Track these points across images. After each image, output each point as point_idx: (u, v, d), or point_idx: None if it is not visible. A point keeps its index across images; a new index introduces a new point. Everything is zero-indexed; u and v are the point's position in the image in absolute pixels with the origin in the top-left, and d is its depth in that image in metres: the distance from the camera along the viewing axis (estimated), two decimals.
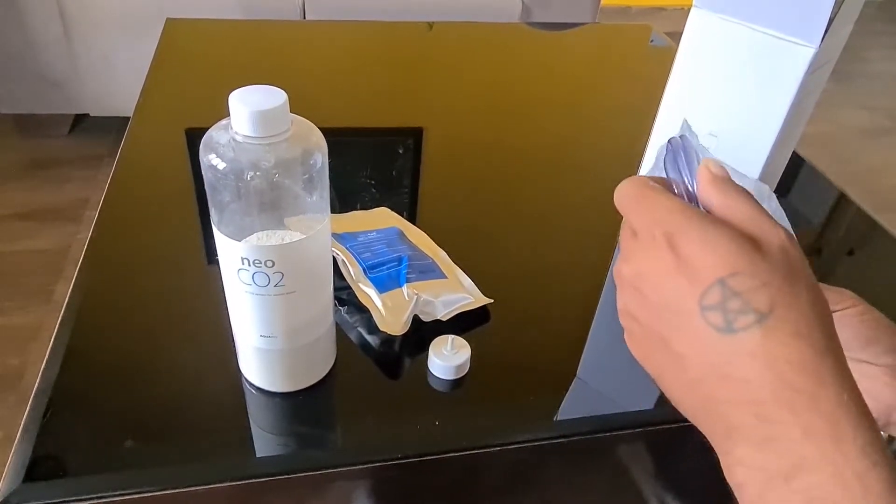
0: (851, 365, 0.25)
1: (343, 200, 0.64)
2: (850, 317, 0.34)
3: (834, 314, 0.30)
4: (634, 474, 0.54)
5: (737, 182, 0.28)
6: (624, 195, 0.30)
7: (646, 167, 0.62)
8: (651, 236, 0.27)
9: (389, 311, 0.50)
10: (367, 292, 0.51)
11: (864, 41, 2.78)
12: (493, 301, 0.54)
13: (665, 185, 0.30)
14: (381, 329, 0.49)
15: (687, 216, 0.26)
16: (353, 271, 0.53)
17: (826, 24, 0.46)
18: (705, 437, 0.28)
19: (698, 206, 0.28)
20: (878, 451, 0.22)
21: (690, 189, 0.30)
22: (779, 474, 0.22)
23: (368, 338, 0.51)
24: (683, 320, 0.25)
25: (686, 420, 0.49)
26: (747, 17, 0.49)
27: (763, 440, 0.23)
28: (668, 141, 0.31)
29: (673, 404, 0.27)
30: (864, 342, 0.33)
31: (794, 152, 0.60)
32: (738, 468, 0.24)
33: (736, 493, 0.24)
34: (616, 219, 0.64)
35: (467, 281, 0.55)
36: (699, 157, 0.29)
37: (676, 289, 0.25)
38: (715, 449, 0.25)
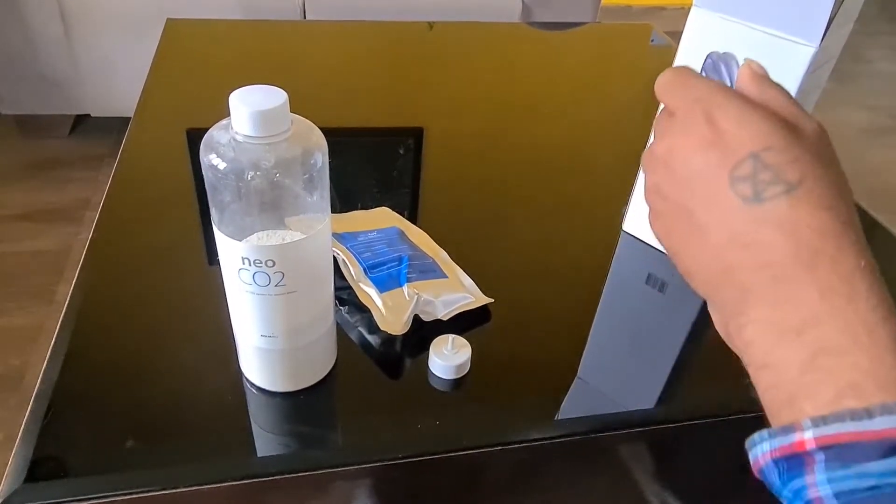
0: None
1: (343, 200, 0.64)
2: None
3: None
4: (635, 474, 0.54)
5: None
6: (666, 80, 0.30)
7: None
8: (689, 113, 0.28)
9: (390, 311, 0.50)
10: (368, 292, 0.51)
11: (865, 41, 2.78)
12: (493, 301, 0.54)
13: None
14: (382, 329, 0.49)
15: (727, 95, 0.27)
16: (353, 271, 0.53)
17: (826, 24, 0.46)
18: (704, 435, 0.28)
19: None
20: (888, 309, 0.23)
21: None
22: (791, 328, 0.23)
23: (369, 337, 0.51)
24: (711, 191, 0.26)
25: (687, 419, 0.49)
26: (747, 16, 0.49)
27: (778, 299, 0.24)
28: (708, 55, 0.32)
29: (687, 279, 0.28)
30: None
31: None
32: (750, 327, 0.25)
33: (743, 355, 0.25)
34: (615, 218, 0.65)
35: (468, 280, 0.55)
36: (739, 64, 0.30)
37: (708, 161, 0.26)
38: (724, 318, 0.26)
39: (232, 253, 0.39)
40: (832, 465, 0.21)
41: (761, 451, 0.24)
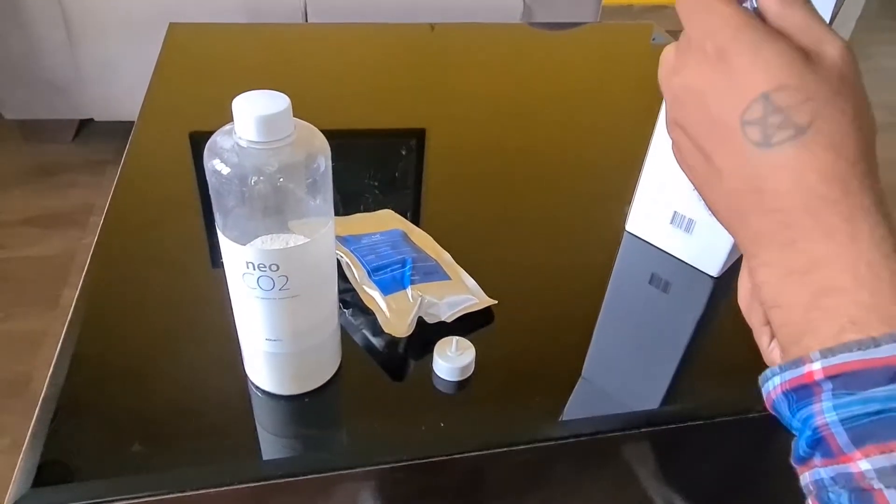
0: None
1: (346, 202, 0.64)
2: None
3: None
4: (640, 474, 0.54)
5: None
6: (685, 1, 0.28)
7: (649, 166, 0.62)
8: (703, 48, 0.27)
9: (394, 314, 0.50)
10: (372, 295, 0.51)
11: (868, 37, 2.77)
12: (497, 302, 0.54)
13: None
14: (386, 331, 0.49)
15: (740, 28, 0.25)
16: (357, 274, 0.53)
17: (829, 21, 0.46)
18: (709, 435, 0.29)
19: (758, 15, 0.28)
20: (892, 245, 0.23)
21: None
22: (797, 270, 0.24)
23: (373, 340, 0.51)
24: (724, 135, 0.26)
25: (691, 419, 0.49)
26: None
27: (786, 243, 0.24)
28: None
29: (711, 212, 0.29)
30: None
31: None
32: (762, 269, 0.26)
33: (759, 294, 0.26)
34: (618, 218, 0.65)
35: (471, 282, 0.55)
36: None
37: (721, 104, 0.26)
38: (744, 255, 0.27)
39: (236, 257, 0.40)
40: (839, 393, 0.22)
41: (773, 385, 0.25)
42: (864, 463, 0.21)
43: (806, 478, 0.25)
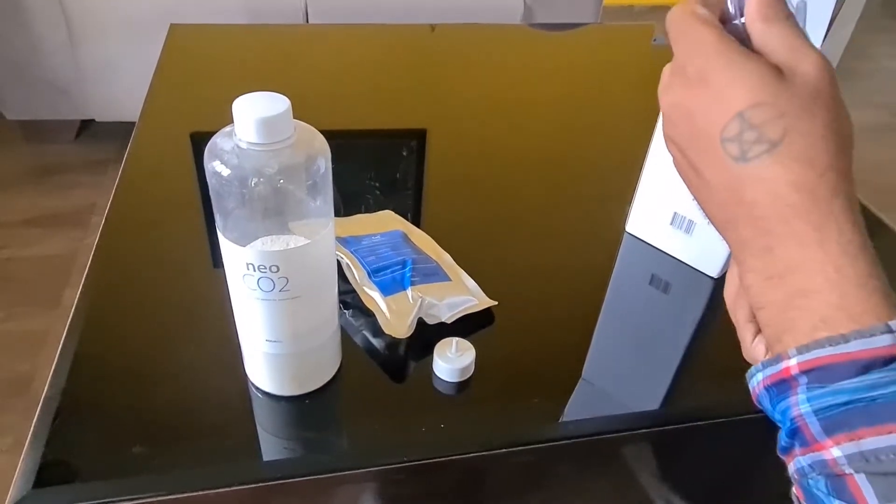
0: None
1: (347, 203, 0.64)
2: None
3: None
4: (641, 475, 0.54)
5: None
6: (671, 21, 0.31)
7: (649, 167, 0.62)
8: (685, 70, 0.29)
9: (394, 315, 0.50)
10: (372, 296, 0.52)
11: (869, 38, 2.77)
12: (497, 303, 0.54)
13: (716, 4, 0.30)
14: (386, 332, 0.49)
15: (718, 51, 0.27)
16: (357, 275, 0.53)
17: (828, 23, 0.46)
18: (709, 436, 0.30)
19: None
20: (859, 248, 0.25)
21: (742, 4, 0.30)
22: (776, 274, 0.26)
23: (373, 341, 0.51)
24: (709, 151, 0.28)
25: (692, 420, 0.49)
26: None
27: (766, 249, 0.27)
28: None
29: (708, 220, 0.31)
30: None
31: None
32: (748, 273, 0.28)
33: (747, 296, 0.28)
34: (618, 219, 0.65)
35: (471, 283, 0.55)
36: None
37: (704, 122, 0.28)
38: (734, 259, 0.30)
39: (236, 259, 0.40)
40: (812, 386, 0.24)
41: (756, 381, 0.27)
42: (835, 450, 0.23)
43: (791, 467, 0.26)
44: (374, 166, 0.75)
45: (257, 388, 0.47)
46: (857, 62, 2.56)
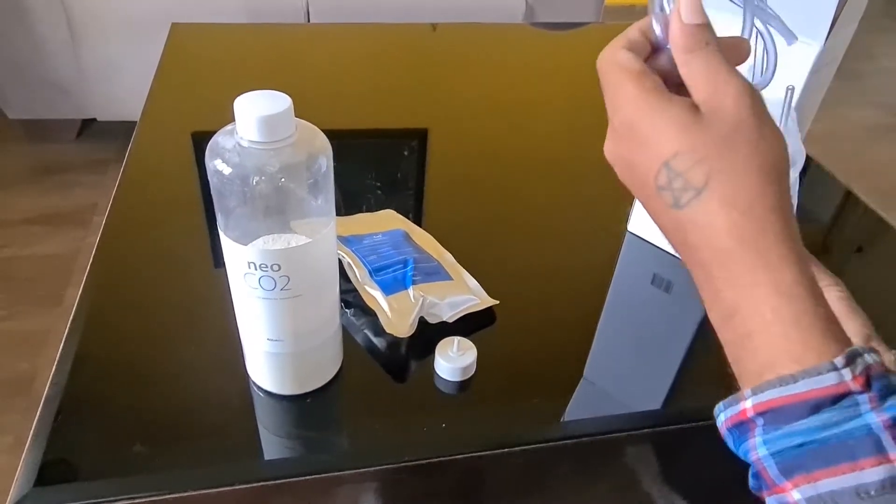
0: None
1: (348, 203, 0.64)
2: (828, 297, 0.37)
3: None
4: (642, 475, 0.54)
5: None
6: (598, 70, 0.31)
7: None
8: (614, 122, 0.30)
9: (395, 314, 0.50)
10: (374, 295, 0.51)
11: (871, 38, 2.77)
12: (498, 302, 0.54)
13: (643, 40, 0.30)
14: (388, 331, 0.49)
15: (639, 101, 0.28)
16: (358, 274, 0.53)
17: (830, 23, 0.46)
18: (711, 437, 0.30)
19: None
20: (792, 284, 0.25)
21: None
22: (724, 316, 0.27)
23: (375, 340, 0.51)
24: (652, 198, 0.28)
25: (694, 420, 0.49)
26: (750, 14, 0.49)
27: (714, 291, 0.27)
28: None
29: None
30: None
31: None
32: (708, 313, 0.28)
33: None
34: (620, 219, 0.64)
35: (473, 282, 0.55)
36: None
37: (641, 171, 0.28)
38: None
39: (238, 257, 0.40)
40: (768, 428, 0.24)
41: (720, 421, 0.27)
42: (795, 493, 0.23)
43: None
44: (375, 166, 0.75)
45: (258, 388, 0.47)
46: (858, 62, 2.55)
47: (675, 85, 0.28)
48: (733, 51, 0.30)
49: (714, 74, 0.27)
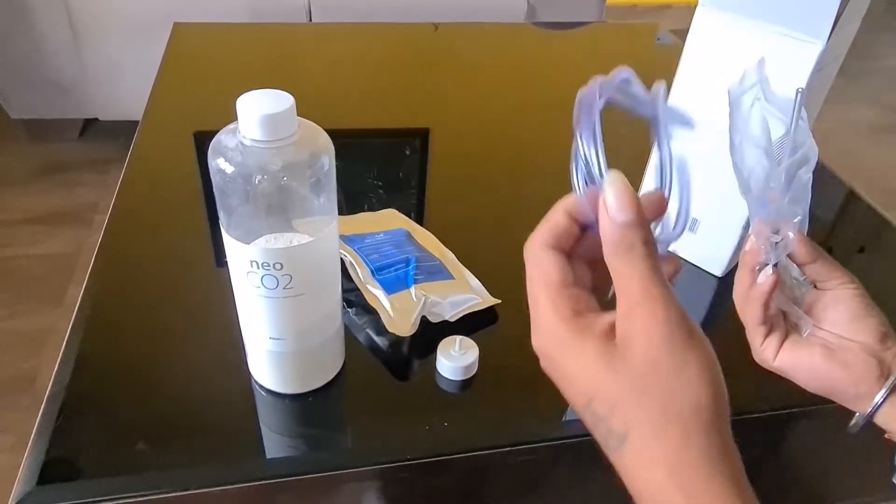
0: (833, 340, 0.36)
1: (350, 202, 0.64)
2: (843, 293, 0.38)
3: (831, 290, 0.37)
4: None
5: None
6: (524, 257, 0.30)
7: (652, 167, 0.62)
8: (534, 329, 0.28)
9: (397, 313, 0.50)
10: (376, 294, 0.51)
11: (874, 37, 2.76)
12: (500, 302, 0.54)
13: (569, 224, 0.30)
14: (390, 330, 0.49)
15: (552, 339, 0.27)
16: (360, 273, 0.53)
17: (833, 21, 0.46)
18: None
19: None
20: None
21: (597, 174, 0.28)
22: None
23: (377, 339, 0.51)
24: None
25: None
26: (754, 14, 0.49)
27: None
28: (582, 96, 0.28)
29: None
30: (850, 319, 0.37)
31: None
32: None
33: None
34: None
35: (475, 282, 0.55)
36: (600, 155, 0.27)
37: (568, 395, 0.27)
38: None
39: (240, 256, 0.40)
40: None
41: None
42: None
43: None
44: (377, 165, 0.75)
45: (260, 386, 0.47)
46: (861, 61, 2.55)
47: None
48: (653, 207, 0.28)
49: (632, 294, 0.25)
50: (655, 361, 0.24)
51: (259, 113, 0.35)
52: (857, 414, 0.37)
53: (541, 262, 0.28)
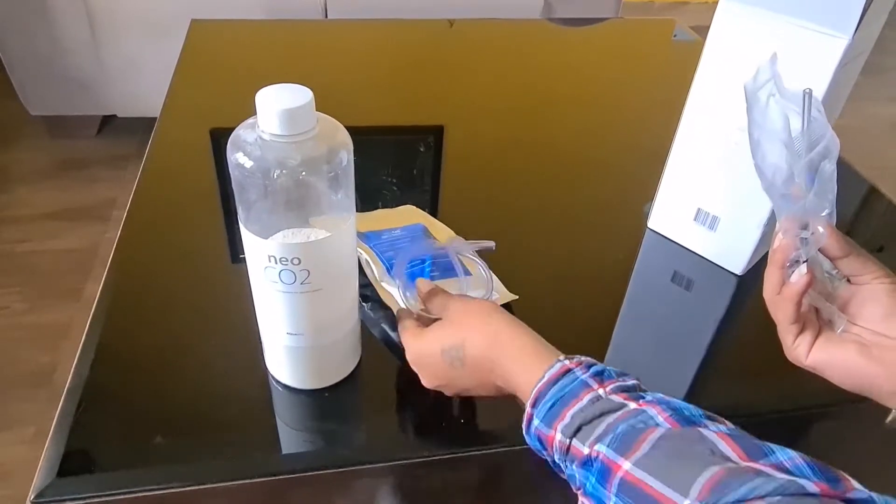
0: (868, 336, 0.36)
1: (364, 198, 0.64)
2: (877, 288, 0.37)
3: (865, 284, 0.37)
4: None
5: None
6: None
7: (672, 162, 0.61)
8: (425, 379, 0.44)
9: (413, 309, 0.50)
10: (391, 291, 0.51)
11: (892, 34, 2.71)
12: (517, 297, 0.54)
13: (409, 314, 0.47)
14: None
15: (419, 357, 0.44)
16: (376, 270, 0.53)
17: (860, 15, 0.45)
18: None
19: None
20: (525, 347, 0.40)
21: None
22: (511, 387, 0.40)
23: (393, 335, 0.51)
24: (443, 367, 0.42)
25: None
26: (778, 7, 0.48)
27: (505, 383, 0.41)
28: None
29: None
30: (884, 314, 0.36)
31: None
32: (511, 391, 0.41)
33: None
34: (640, 216, 0.63)
35: (492, 278, 0.55)
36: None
37: (432, 362, 0.43)
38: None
39: (258, 251, 0.40)
40: (534, 410, 0.37)
41: (526, 437, 0.38)
42: (557, 433, 0.35)
43: (573, 486, 0.36)
44: (393, 161, 0.75)
45: (277, 381, 0.47)
46: (882, 57, 2.50)
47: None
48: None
49: (443, 303, 0.45)
50: (464, 310, 0.43)
51: (278, 107, 0.35)
52: (895, 410, 0.36)
53: (404, 325, 0.46)
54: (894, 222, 0.73)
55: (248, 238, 0.40)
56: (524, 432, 0.37)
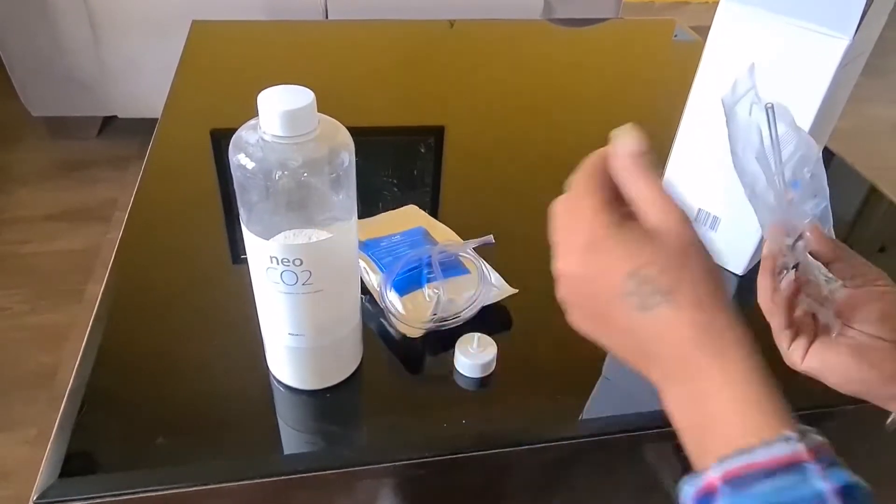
0: (864, 339, 0.36)
1: (364, 200, 0.64)
2: (872, 291, 0.37)
3: (864, 287, 0.37)
4: (662, 474, 0.53)
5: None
6: (555, 212, 0.35)
7: (672, 163, 0.61)
8: (576, 244, 0.33)
9: (410, 314, 0.50)
10: (388, 297, 0.51)
11: (895, 34, 2.71)
12: (518, 290, 0.54)
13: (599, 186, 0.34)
14: (402, 332, 0.49)
15: (597, 224, 0.32)
16: (374, 279, 0.53)
17: (861, 16, 0.45)
18: None
19: None
20: (747, 373, 0.28)
21: None
22: (684, 405, 0.30)
23: (394, 336, 0.51)
24: (609, 303, 0.31)
25: None
26: (778, 8, 0.49)
27: (675, 383, 0.30)
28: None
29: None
30: (879, 317, 0.37)
31: (824, 147, 0.59)
32: (669, 402, 0.31)
33: (668, 415, 0.31)
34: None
35: (492, 274, 0.55)
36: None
37: (604, 283, 0.31)
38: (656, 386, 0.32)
39: (260, 252, 0.40)
40: (732, 493, 0.26)
41: (687, 494, 0.29)
42: None
43: None
44: (393, 162, 0.75)
45: (279, 382, 0.48)
46: (882, 59, 2.50)
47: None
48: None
49: (660, 200, 0.31)
50: (690, 243, 0.30)
51: (280, 108, 0.35)
52: (894, 413, 0.36)
53: (601, 175, 0.34)
54: (895, 223, 0.73)
55: (250, 239, 0.40)
56: (688, 495, 0.29)
